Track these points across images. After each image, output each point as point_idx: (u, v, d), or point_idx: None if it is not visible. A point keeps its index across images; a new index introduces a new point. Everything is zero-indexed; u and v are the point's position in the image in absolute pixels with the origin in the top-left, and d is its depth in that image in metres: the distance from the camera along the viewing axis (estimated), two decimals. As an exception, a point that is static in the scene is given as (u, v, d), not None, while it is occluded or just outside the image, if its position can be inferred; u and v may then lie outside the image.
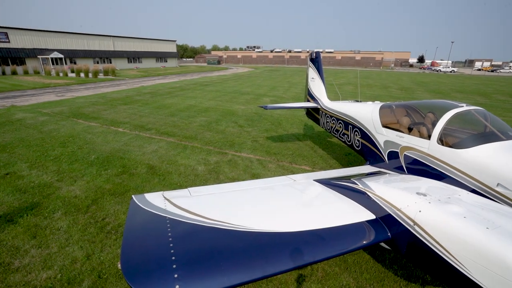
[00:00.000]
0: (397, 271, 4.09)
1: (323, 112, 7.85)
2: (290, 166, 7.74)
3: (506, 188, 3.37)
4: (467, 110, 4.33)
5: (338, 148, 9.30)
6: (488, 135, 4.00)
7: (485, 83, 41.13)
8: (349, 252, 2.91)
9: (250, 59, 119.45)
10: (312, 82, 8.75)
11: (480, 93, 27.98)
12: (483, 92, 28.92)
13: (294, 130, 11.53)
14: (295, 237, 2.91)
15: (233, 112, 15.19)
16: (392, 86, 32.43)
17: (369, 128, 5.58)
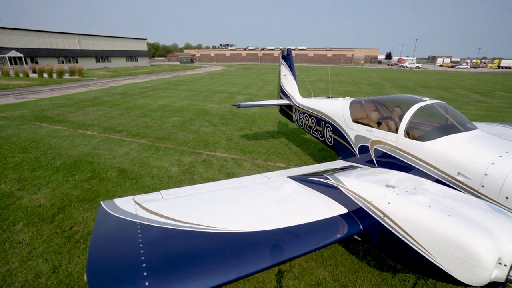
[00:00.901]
0: (370, 261, 4.24)
1: (296, 109, 7.94)
2: (265, 164, 7.76)
3: (465, 177, 3.60)
4: (430, 103, 4.57)
5: (312, 144, 9.47)
6: (449, 127, 4.24)
7: (446, 78, 43.96)
8: (323, 247, 2.96)
9: (224, 57, 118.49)
10: (285, 80, 8.82)
11: (442, 87, 29.85)
12: (445, 86, 30.89)
13: (268, 128, 11.59)
14: (270, 235, 2.90)
15: (207, 111, 14.97)
16: (362, 82, 33.65)
17: (340, 123, 5.73)
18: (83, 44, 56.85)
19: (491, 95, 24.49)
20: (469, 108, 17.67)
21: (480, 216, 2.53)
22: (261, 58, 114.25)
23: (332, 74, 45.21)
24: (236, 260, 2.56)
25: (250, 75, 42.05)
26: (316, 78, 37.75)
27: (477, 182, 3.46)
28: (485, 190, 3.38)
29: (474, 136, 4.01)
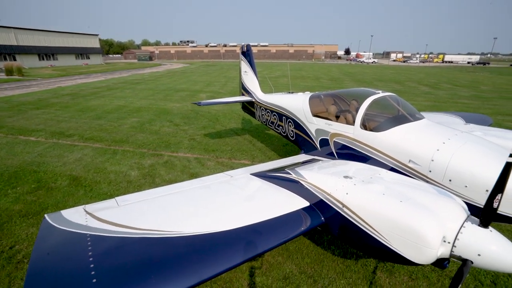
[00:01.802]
0: (334, 250, 4.36)
1: (258, 105, 7.92)
2: (229, 162, 7.65)
3: (415, 164, 3.83)
4: (382, 96, 4.79)
5: (276, 140, 9.55)
6: (400, 118, 4.49)
7: (399, 72, 47.27)
8: (287, 241, 2.95)
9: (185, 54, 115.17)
10: (245, 76, 8.75)
11: (396, 81, 32.03)
12: (398, 80, 33.19)
13: (232, 125, 11.46)
14: (233, 234, 2.84)
15: (167, 110, 14.38)
16: (323, 77, 34.85)
17: (301, 118, 5.81)
18: (22, 40, 50.70)
19: (437, 87, 26.82)
20: (419, 100, 19.14)
21: (426, 199, 2.69)
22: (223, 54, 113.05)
23: (294, 70, 46.19)
24: (197, 263, 2.46)
25: (212, 72, 41.35)
26: (279, 74, 38.27)
27: (425, 168, 3.70)
28: (433, 174, 3.63)
29: (422, 126, 4.29)
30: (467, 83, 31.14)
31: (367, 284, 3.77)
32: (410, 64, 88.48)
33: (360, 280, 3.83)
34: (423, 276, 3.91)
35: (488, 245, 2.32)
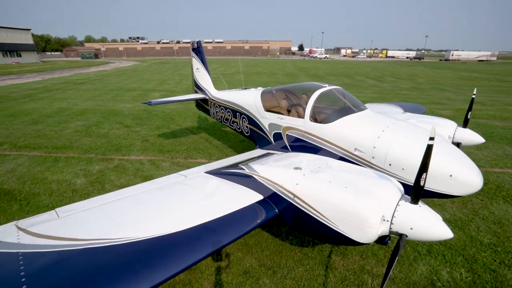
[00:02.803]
0: (292, 240, 4.50)
1: (212, 102, 7.80)
2: (185, 162, 7.44)
3: (360, 151, 4.09)
4: (329, 89, 5.03)
5: (232, 137, 9.53)
6: (345, 109, 4.75)
7: (348, 66, 50.25)
8: (242, 235, 2.96)
9: (135, 52, 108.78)
10: (198, 73, 8.55)
11: (346, 75, 34.02)
12: (348, 74, 35.29)
13: (187, 124, 11.16)
14: (186, 234, 2.77)
15: (117, 111, 13.47)
16: (278, 72, 35.59)
17: (254, 113, 5.85)
18: None
19: (382, 80, 29.10)
20: (367, 92, 20.59)
21: (367, 184, 2.89)
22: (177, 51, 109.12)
23: (250, 66, 46.45)
24: (148, 268, 2.35)
25: (166, 70, 39.70)
26: (234, 70, 38.17)
27: (369, 155, 3.98)
28: (375, 160, 3.92)
29: (365, 116, 4.60)
30: (406, 76, 34.32)
31: (323, 268, 3.97)
32: (358, 59, 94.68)
33: (317, 265, 4.01)
34: (372, 254, 4.23)
35: (418, 219, 2.58)
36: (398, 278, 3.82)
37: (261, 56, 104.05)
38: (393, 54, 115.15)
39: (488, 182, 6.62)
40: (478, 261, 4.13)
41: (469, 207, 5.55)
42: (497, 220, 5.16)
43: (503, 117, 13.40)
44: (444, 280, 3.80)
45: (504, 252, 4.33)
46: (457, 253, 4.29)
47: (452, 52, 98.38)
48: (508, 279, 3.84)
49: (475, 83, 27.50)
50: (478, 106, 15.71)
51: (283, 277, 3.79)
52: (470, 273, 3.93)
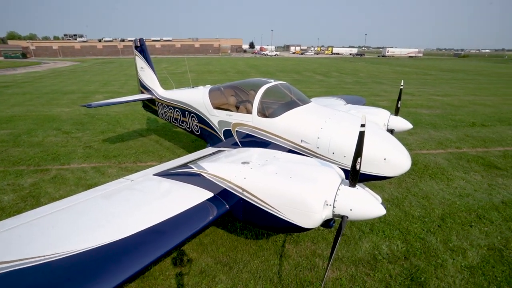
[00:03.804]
0: (247, 234, 4.57)
1: (159, 102, 7.50)
2: (134, 166, 7.06)
3: (306, 142, 4.30)
4: (274, 84, 5.18)
5: (184, 137, 9.29)
6: (291, 103, 4.94)
7: (297, 63, 52.15)
8: (193, 234, 2.92)
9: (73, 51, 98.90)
10: (142, 72, 8.13)
11: (295, 71, 35.29)
12: (297, 70, 36.64)
13: (136, 127, 10.56)
14: (134, 240, 2.64)
15: (53, 117, 12.15)
16: (230, 70, 35.50)
17: (203, 111, 5.78)
18: None
19: (328, 75, 30.83)
20: (315, 87, 21.64)
21: (311, 172, 3.07)
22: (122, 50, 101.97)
23: (201, 64, 45.55)
24: (88, 282, 2.19)
25: (110, 70, 36.91)
26: (185, 69, 37.06)
27: (314, 145, 4.20)
28: (320, 150, 4.16)
29: (309, 109, 4.84)
30: (350, 71, 36.89)
31: (278, 257, 4.11)
32: (307, 56, 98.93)
33: (272, 255, 4.14)
34: (322, 238, 4.51)
35: (356, 200, 2.82)
36: (346, 257, 4.13)
37: (213, 54, 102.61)
38: (338, 51, 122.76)
39: (418, 162, 7.48)
40: (411, 232, 4.67)
41: (403, 186, 6.21)
42: (425, 195, 5.87)
43: (429, 105, 15.22)
44: (384, 253, 4.21)
45: (430, 222, 4.96)
46: (394, 228, 4.78)
47: (387, 49, 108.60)
48: (433, 243, 4.41)
49: (406, 77, 30.72)
50: (409, 97, 17.60)
51: (239, 272, 3.83)
52: (404, 243, 4.42)
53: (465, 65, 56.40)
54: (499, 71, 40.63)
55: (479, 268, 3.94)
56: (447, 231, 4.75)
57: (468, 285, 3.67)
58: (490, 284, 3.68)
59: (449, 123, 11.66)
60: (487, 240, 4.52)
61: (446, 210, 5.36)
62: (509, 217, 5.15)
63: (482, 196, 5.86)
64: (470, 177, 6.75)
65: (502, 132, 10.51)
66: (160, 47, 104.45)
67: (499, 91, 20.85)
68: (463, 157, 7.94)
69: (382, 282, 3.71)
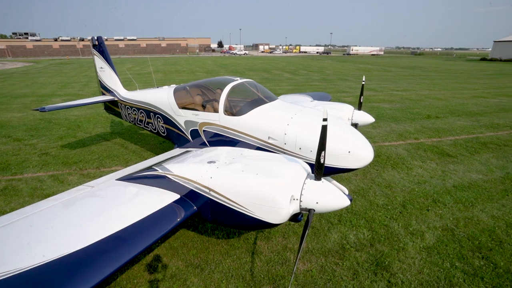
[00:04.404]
0: (218, 234, 4.53)
1: (122, 104, 7.16)
2: (98, 172, 6.68)
3: (274, 139, 4.34)
4: (240, 82, 5.16)
5: (151, 139, 8.98)
6: (257, 101, 4.95)
7: (266, 62, 52.57)
8: (160, 238, 2.82)
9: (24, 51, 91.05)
10: (102, 73, 7.70)
11: (264, 69, 35.54)
12: (266, 68, 36.93)
13: (99, 130, 10.00)
14: (94, 249, 2.51)
15: (2, 123, 11.11)
16: (199, 70, 34.89)
17: (169, 112, 5.62)
18: None
19: (296, 73, 31.45)
20: (283, 85, 21.98)
21: (277, 168, 3.11)
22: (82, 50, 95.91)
23: (169, 64, 44.26)
24: None
25: (68, 71, 34.51)
26: (152, 69, 35.81)
27: (281, 142, 4.25)
28: (287, 146, 4.22)
29: (275, 106, 4.88)
30: (317, 69, 37.96)
31: (250, 255, 4.12)
32: (275, 54, 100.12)
33: (244, 253, 4.14)
34: (293, 233, 4.59)
35: (322, 193, 2.90)
36: (315, 249, 4.25)
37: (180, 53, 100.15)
38: (305, 50, 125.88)
39: (381, 154, 7.90)
40: (375, 220, 4.92)
41: (368, 177, 6.53)
42: (388, 184, 6.22)
43: (390, 100, 16.14)
44: (351, 242, 4.40)
45: (393, 209, 5.27)
46: (360, 217, 5.01)
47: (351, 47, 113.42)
48: (396, 229, 4.69)
49: (369, 73, 32.30)
50: (372, 93, 18.54)
51: (211, 272, 3.79)
52: (370, 231, 4.64)
53: (421, 62, 60.62)
54: (449, 68, 44.21)
55: (435, 248, 4.26)
56: (408, 216, 5.07)
57: (426, 264, 3.95)
58: (444, 261, 4.00)
59: (408, 116, 12.45)
60: (441, 222, 4.90)
61: (407, 197, 5.72)
62: (459, 199, 5.63)
63: (437, 182, 6.34)
64: (427, 165, 7.26)
65: (453, 123, 11.44)
66: (124, 46, 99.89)
67: (449, 86, 22.69)
68: (420, 147, 8.52)
69: (350, 270, 3.87)
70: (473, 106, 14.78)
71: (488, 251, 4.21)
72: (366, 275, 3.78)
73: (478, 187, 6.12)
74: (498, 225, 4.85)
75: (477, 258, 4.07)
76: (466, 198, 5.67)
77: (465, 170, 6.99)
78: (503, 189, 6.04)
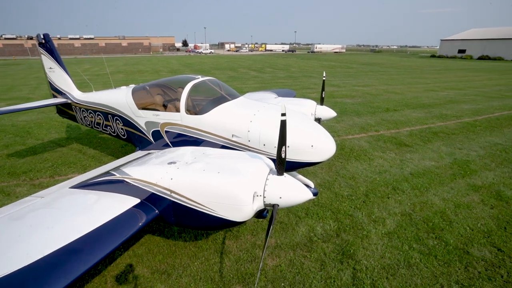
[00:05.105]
0: (185, 237, 4.40)
1: (77, 106, 6.66)
2: (51, 181, 6.15)
3: (237, 137, 4.29)
4: (202, 80, 5.05)
5: (112, 142, 8.49)
6: (220, 99, 4.87)
7: (232, 60, 52.30)
8: (120, 245, 2.66)
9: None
10: (52, 73, 7.10)
11: (230, 68, 35.33)
12: (232, 67, 36.73)
13: (52, 136, 9.23)
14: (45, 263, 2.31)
15: None
16: (163, 70, 33.76)
17: (127, 113, 5.34)
18: None
19: (263, 71, 31.66)
20: (250, 83, 22.01)
21: (239, 165, 3.07)
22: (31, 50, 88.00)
23: (131, 64, 42.29)
24: None
25: (15, 73, 31.48)
26: (113, 69, 33.96)
27: (245, 139, 4.22)
28: (252, 143, 4.20)
29: (238, 103, 4.84)
30: (283, 66, 38.57)
31: (218, 255, 4.05)
32: (242, 53, 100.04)
33: (212, 254, 4.06)
34: (262, 229, 4.60)
35: (285, 188, 2.92)
36: (284, 243, 4.30)
37: (143, 53, 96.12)
38: (271, 48, 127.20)
39: (345, 147, 8.23)
40: (341, 211, 5.10)
41: (333, 170, 6.75)
42: (352, 175, 6.49)
43: (352, 95, 16.89)
44: (319, 234, 4.51)
45: (357, 199, 5.50)
46: (326, 209, 5.16)
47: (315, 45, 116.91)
48: (360, 218, 4.90)
49: (333, 70, 33.54)
50: (335, 88, 19.26)
51: (178, 277, 3.66)
52: (336, 222, 4.80)
53: (379, 59, 64.30)
54: (404, 64, 47.43)
55: (395, 233, 4.52)
56: (370, 205, 5.33)
57: (387, 248, 4.18)
58: (403, 244, 4.25)
59: (369, 110, 13.11)
60: (400, 208, 5.22)
61: (369, 186, 6.00)
62: (415, 185, 6.04)
63: (396, 171, 6.74)
64: (387, 155, 7.69)
65: (408, 115, 12.27)
66: (81, 46, 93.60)
67: (405, 81, 24.32)
68: (380, 139, 9.01)
69: (318, 261, 3.96)
70: (426, 99, 15.97)
71: (440, 231, 4.56)
72: (333, 264, 3.90)
73: (431, 173, 6.61)
74: (448, 206, 5.27)
75: (431, 239, 4.39)
76: (421, 184, 6.09)
77: (420, 158, 7.51)
78: (452, 174, 6.59)
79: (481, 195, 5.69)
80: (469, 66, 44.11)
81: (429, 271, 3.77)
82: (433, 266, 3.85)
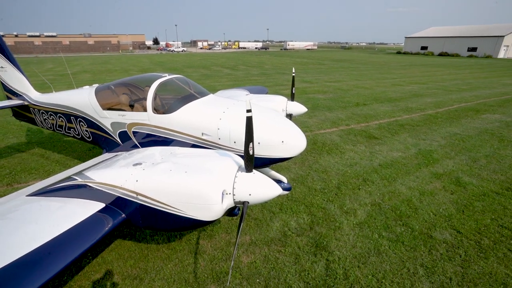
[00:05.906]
0: (158, 240, 4.27)
1: (36, 108, 6.21)
2: (9, 189, 5.70)
3: (207, 135, 4.22)
4: (169, 78, 4.90)
5: (78, 146, 8.05)
6: (188, 97, 4.76)
7: (205, 58, 51.50)
8: (83, 253, 2.52)
9: None
10: (4, 73, 6.55)
11: (203, 66, 34.78)
12: (205, 65, 36.18)
13: (10, 141, 8.56)
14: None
15: None
16: (133, 68, 32.51)
17: (91, 114, 5.06)
18: None
19: (236, 69, 31.49)
20: (223, 80, 21.81)
21: (207, 164, 3.02)
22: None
23: (98, 64, 40.26)
24: None
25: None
26: (78, 69, 32.15)
27: (215, 137, 4.16)
28: (222, 141, 4.14)
29: (207, 101, 4.75)
30: (256, 64, 38.62)
31: (193, 256, 3.98)
32: (215, 51, 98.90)
33: (186, 256, 3.98)
34: (236, 226, 4.58)
35: (254, 185, 2.91)
36: (259, 239, 4.31)
37: (112, 52, 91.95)
38: (244, 45, 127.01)
39: (317, 141, 8.41)
40: (314, 205, 5.21)
41: (306, 165, 6.88)
42: (324, 169, 6.65)
43: (324, 91, 17.30)
44: (293, 228, 4.58)
45: (329, 192, 5.65)
46: (300, 203, 5.25)
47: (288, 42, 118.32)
48: (332, 210, 5.04)
49: (305, 67, 34.14)
50: (308, 85, 19.62)
51: (151, 281, 3.55)
52: (309, 216, 4.90)
53: (350, 55, 66.41)
54: (373, 60, 49.38)
55: (366, 223, 4.70)
56: (342, 197, 5.49)
57: (359, 238, 4.33)
58: (373, 233, 4.43)
59: (340, 104, 13.50)
60: (370, 198, 5.43)
61: (341, 179, 6.19)
62: (384, 176, 6.31)
63: (366, 163, 7.01)
64: (357, 148, 7.97)
65: (377, 109, 12.79)
66: (41, 44, 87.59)
67: (373, 76, 25.33)
68: (351, 132, 9.32)
69: (292, 255, 4.02)
70: (393, 93, 16.74)
71: (407, 218, 4.81)
72: (307, 257, 3.97)
73: (398, 164, 6.94)
74: (413, 194, 5.57)
75: (399, 226, 4.62)
76: (390, 175, 6.38)
77: (388, 149, 7.86)
78: (417, 163, 6.97)
79: (443, 182, 6.07)
80: (430, 62, 46.87)
81: (397, 257, 3.96)
82: (400, 252, 4.05)
